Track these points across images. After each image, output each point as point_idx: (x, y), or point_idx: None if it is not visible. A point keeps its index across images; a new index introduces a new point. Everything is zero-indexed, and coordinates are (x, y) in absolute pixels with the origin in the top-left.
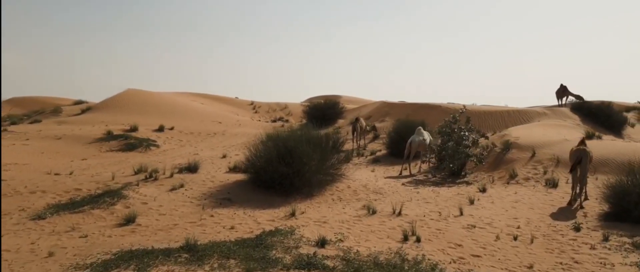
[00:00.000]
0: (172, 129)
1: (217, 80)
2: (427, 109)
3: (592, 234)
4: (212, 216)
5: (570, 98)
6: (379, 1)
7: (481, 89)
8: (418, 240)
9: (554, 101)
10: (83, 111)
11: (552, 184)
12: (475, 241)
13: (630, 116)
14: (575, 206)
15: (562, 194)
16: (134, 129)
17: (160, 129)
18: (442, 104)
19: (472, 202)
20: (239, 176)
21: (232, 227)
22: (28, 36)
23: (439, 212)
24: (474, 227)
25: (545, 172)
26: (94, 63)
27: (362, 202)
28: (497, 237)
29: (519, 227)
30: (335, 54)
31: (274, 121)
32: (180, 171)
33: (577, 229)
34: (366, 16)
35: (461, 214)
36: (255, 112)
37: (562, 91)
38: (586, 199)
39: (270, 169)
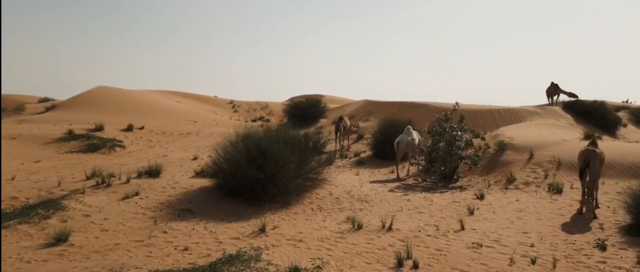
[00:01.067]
0: (142, 128)
1: (199, 79)
2: (413, 107)
3: (621, 254)
4: (165, 232)
5: (562, 97)
6: (362, 0)
7: (465, 89)
8: (415, 266)
9: (535, 101)
10: (47, 109)
11: (556, 189)
12: (486, 267)
13: (621, 116)
14: (587, 215)
15: (569, 201)
16: (100, 128)
17: (129, 128)
18: (429, 102)
19: (471, 212)
20: (206, 182)
21: (186, 249)
22: (5, 32)
23: (436, 226)
24: (481, 246)
25: (546, 176)
26: (71, 62)
27: (346, 213)
28: (512, 261)
29: (533, 246)
30: (318, 53)
31: (254, 121)
32: (140, 175)
33: (602, 247)
34: (349, 15)
35: (462, 228)
36: (235, 111)
37: (554, 89)
38: (597, 207)
39: (239, 173)
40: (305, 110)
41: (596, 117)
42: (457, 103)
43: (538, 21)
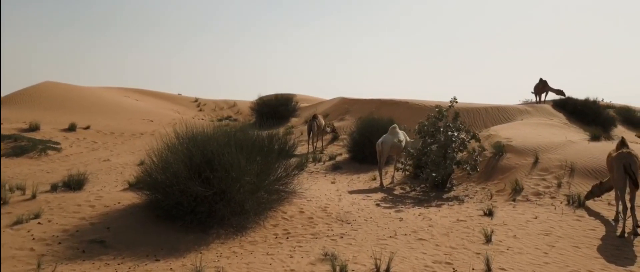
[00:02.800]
0: (87, 128)
1: (166, 78)
2: (392, 105)
3: None
4: None
5: (550, 95)
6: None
7: (442, 87)
8: None
9: (514, 100)
10: None
11: (578, 202)
12: None
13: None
14: (626, 234)
15: (599, 219)
16: (35, 127)
17: (71, 128)
18: (409, 100)
19: (488, 239)
20: (137, 198)
21: None
22: None
23: (452, 266)
24: None
25: (559, 185)
26: (28, 58)
27: (322, 242)
28: None
29: None
30: (290, 52)
31: (221, 120)
32: (55, 188)
33: None
34: (321, 15)
35: (488, 269)
36: (200, 110)
37: (542, 86)
38: (638, 225)
39: (177, 188)
40: (275, 108)
41: (590, 116)
42: (454, 98)
43: (517, 19)
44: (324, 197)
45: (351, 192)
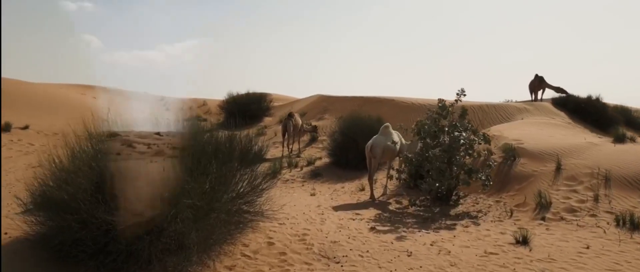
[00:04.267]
0: (25, 128)
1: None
2: (376, 103)
3: None
4: None
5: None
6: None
7: (423, 87)
8: None
9: (498, 99)
10: None
11: (631, 223)
12: None
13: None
14: None
15: None
16: None
17: (5, 128)
18: (395, 97)
19: None
20: (32, 227)
21: None
22: None
23: None
24: None
25: (596, 199)
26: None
27: None
28: None
29: None
30: (264, 51)
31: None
32: None
33: None
34: (296, 15)
35: None
36: (166, 109)
37: (538, 83)
38: None
39: (80, 217)
40: (247, 107)
41: (594, 115)
42: (462, 90)
43: (503, 18)
44: (301, 217)
45: (336, 209)
